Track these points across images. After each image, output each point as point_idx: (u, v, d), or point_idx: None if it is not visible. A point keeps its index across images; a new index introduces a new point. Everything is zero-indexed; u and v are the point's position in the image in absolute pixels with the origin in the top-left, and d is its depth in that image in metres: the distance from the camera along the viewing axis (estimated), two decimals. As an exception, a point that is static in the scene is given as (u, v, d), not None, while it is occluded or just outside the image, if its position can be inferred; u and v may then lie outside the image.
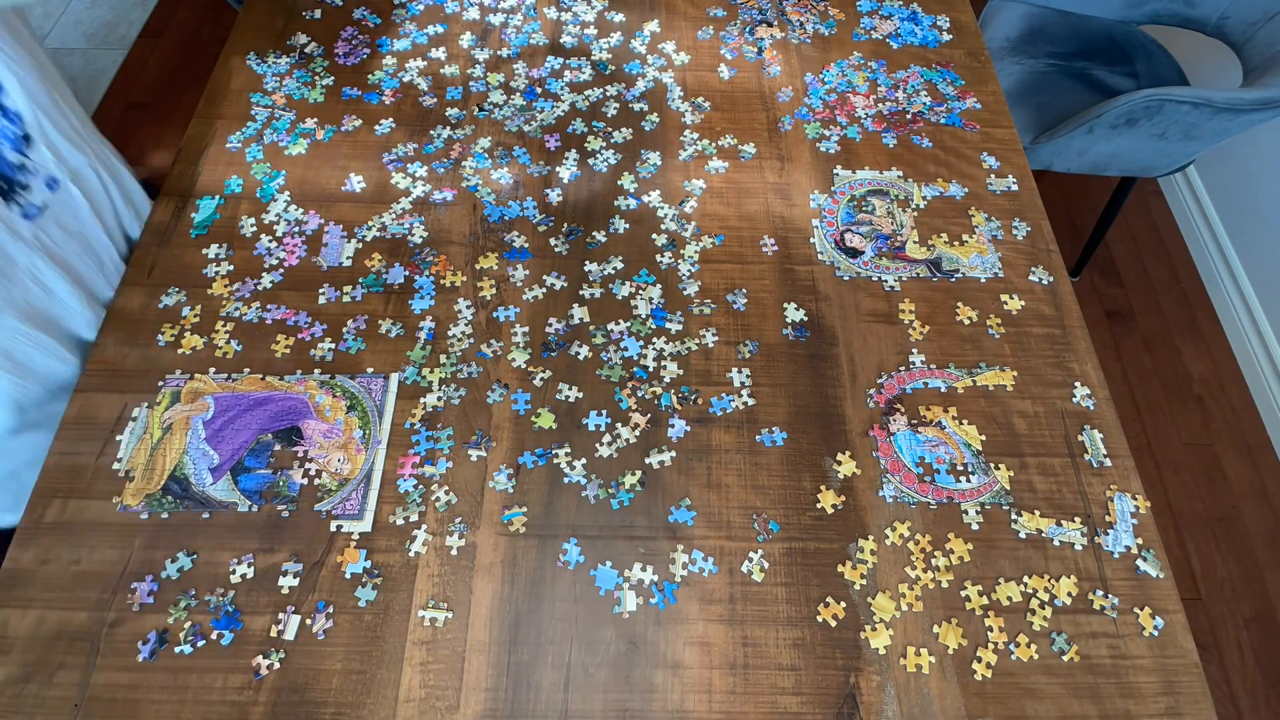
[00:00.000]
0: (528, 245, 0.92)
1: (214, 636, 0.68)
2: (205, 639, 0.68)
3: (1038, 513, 0.77)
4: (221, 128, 1.01)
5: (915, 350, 0.87)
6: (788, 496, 0.77)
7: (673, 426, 0.80)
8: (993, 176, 1.01)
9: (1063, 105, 1.60)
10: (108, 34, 2.39)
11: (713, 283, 0.91)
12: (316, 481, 0.76)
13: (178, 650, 0.67)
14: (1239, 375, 1.85)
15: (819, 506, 0.77)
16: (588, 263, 0.91)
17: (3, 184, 0.74)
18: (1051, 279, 0.93)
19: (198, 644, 0.68)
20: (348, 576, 0.71)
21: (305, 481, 0.76)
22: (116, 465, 0.76)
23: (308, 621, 0.69)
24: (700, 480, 0.78)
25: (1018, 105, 1.60)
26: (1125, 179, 1.69)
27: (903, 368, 0.85)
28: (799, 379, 0.84)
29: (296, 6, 1.15)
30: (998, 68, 1.65)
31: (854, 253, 0.94)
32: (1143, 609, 0.72)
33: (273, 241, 0.91)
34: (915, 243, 0.95)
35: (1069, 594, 0.73)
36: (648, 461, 0.78)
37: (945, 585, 0.73)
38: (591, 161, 1.00)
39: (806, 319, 0.88)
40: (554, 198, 0.97)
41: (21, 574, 0.70)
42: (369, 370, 0.83)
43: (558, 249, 0.92)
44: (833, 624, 0.71)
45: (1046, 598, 0.73)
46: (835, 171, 1.01)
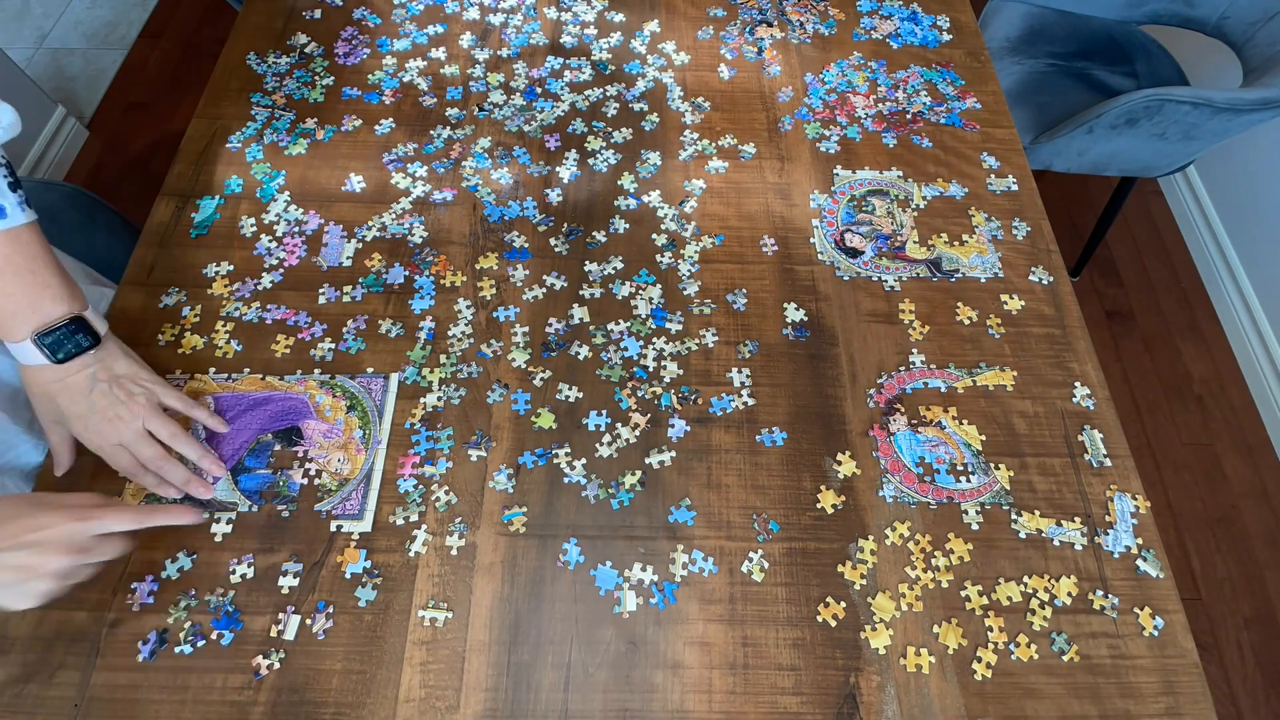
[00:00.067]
0: (528, 245, 0.92)
1: (214, 636, 0.68)
2: (205, 639, 0.68)
3: (1038, 513, 0.77)
4: (221, 128, 1.01)
5: (915, 350, 0.87)
6: (788, 496, 0.77)
7: (673, 426, 0.80)
8: (993, 176, 1.01)
9: (1063, 105, 1.60)
10: (108, 34, 2.39)
11: (713, 283, 0.91)
12: (316, 481, 0.76)
13: (178, 650, 0.67)
14: (1239, 375, 1.85)
15: (819, 506, 0.77)
16: (588, 263, 0.91)
17: None
18: (1051, 279, 0.93)
19: (198, 644, 0.68)
20: (348, 576, 0.71)
21: (305, 481, 0.76)
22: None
23: (308, 621, 0.69)
24: (700, 480, 0.78)
25: (1018, 105, 1.60)
26: (1125, 179, 1.69)
27: (903, 368, 0.85)
28: (799, 379, 0.84)
29: (296, 6, 1.15)
30: (998, 68, 1.65)
31: (854, 253, 0.94)
32: (1143, 609, 0.72)
33: (273, 241, 0.91)
34: (915, 243, 0.95)
35: (1069, 594, 0.73)
36: (648, 461, 0.78)
37: (945, 585, 0.73)
38: (591, 161, 1.00)
39: (806, 319, 0.88)
40: (554, 198, 0.97)
41: (21, 574, 0.70)
42: (369, 370, 0.83)
43: (558, 249, 0.92)
44: (833, 624, 0.71)
45: (1046, 598, 0.73)
46: (835, 171, 1.01)
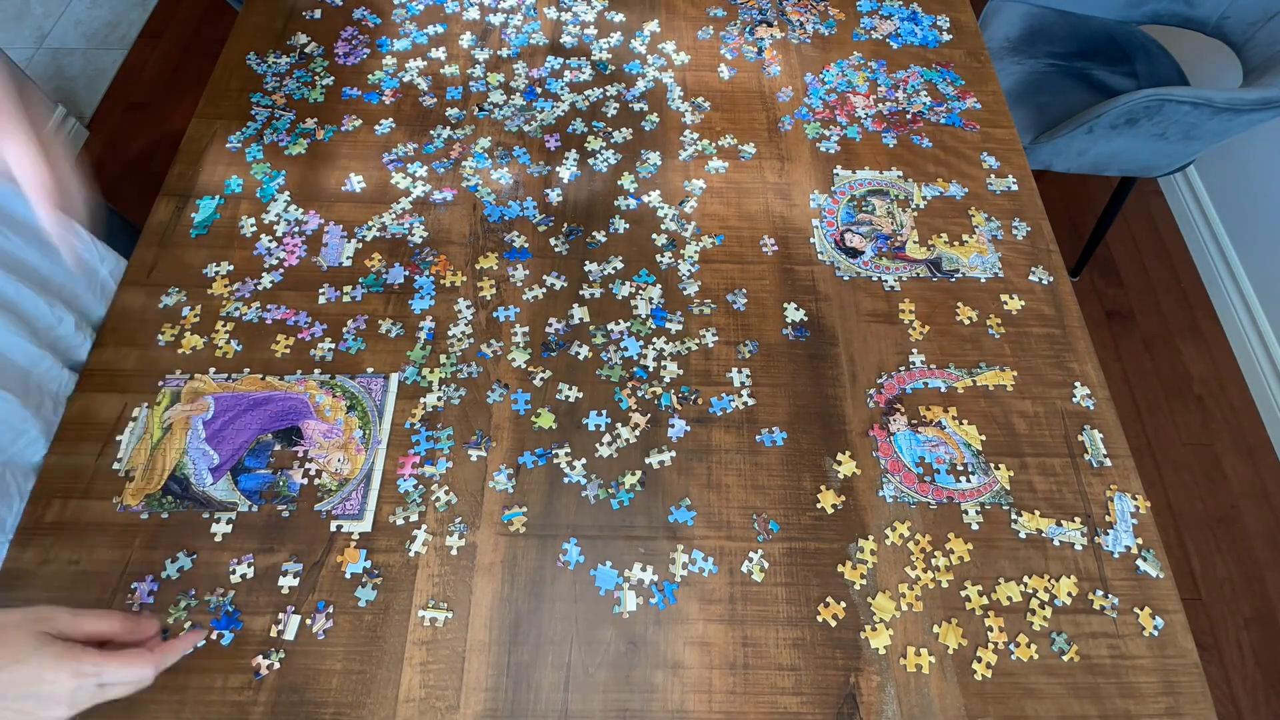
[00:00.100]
0: (528, 245, 0.92)
1: (214, 636, 0.68)
2: (205, 639, 0.68)
3: (1038, 513, 0.77)
4: (221, 128, 1.01)
5: (915, 350, 0.87)
6: (788, 496, 0.77)
7: (673, 426, 0.80)
8: (993, 176, 1.01)
9: (1063, 105, 1.60)
10: (108, 34, 2.39)
11: (713, 283, 0.91)
12: (316, 481, 0.76)
13: (178, 650, 0.67)
14: (1239, 375, 1.85)
15: (819, 506, 0.77)
16: (588, 263, 0.91)
17: None
18: (1051, 279, 0.93)
19: (198, 644, 0.68)
20: (348, 576, 0.71)
21: (305, 481, 0.76)
22: (116, 465, 0.76)
23: (308, 621, 0.69)
24: (700, 480, 0.78)
25: (1018, 105, 1.60)
26: (1125, 179, 1.69)
27: (903, 368, 0.85)
28: (799, 379, 0.84)
29: (296, 6, 1.15)
30: (998, 68, 1.65)
31: (854, 253, 0.94)
32: (1143, 609, 0.72)
33: (273, 241, 0.91)
34: (915, 243, 0.95)
35: (1069, 594, 0.73)
36: (648, 461, 0.78)
37: (945, 585, 0.73)
38: (591, 161, 1.00)
39: (806, 319, 0.88)
40: (554, 198, 0.97)
41: (21, 574, 0.70)
42: (369, 370, 0.83)
43: (558, 249, 0.92)
44: (833, 624, 0.71)
45: (1046, 598, 0.73)
46: (835, 171, 1.01)
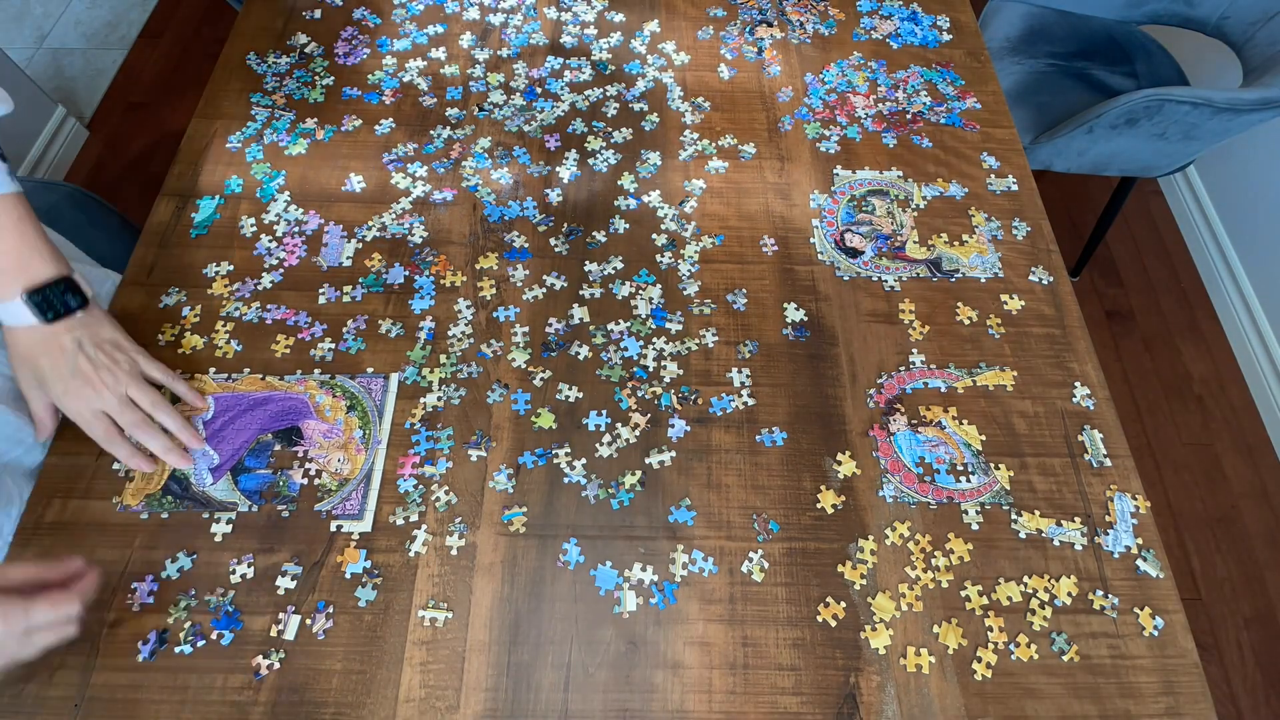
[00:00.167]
0: (528, 245, 0.92)
1: (214, 636, 0.68)
2: (205, 639, 0.68)
3: (1038, 513, 0.77)
4: (221, 128, 1.01)
5: (915, 350, 0.87)
6: (788, 496, 0.77)
7: (673, 426, 0.80)
8: (993, 176, 1.01)
9: (1063, 105, 1.60)
10: (108, 34, 2.39)
11: (713, 283, 0.91)
12: (316, 481, 0.76)
13: (178, 650, 0.67)
14: (1239, 375, 1.85)
15: (819, 506, 0.77)
16: (588, 263, 0.91)
17: None
18: (1051, 279, 0.93)
19: (198, 644, 0.68)
20: (348, 576, 0.71)
21: (305, 481, 0.76)
22: (116, 465, 0.76)
23: (308, 621, 0.69)
24: (700, 480, 0.78)
25: (1018, 105, 1.60)
26: (1125, 179, 1.69)
27: (903, 368, 0.85)
28: (799, 379, 0.84)
29: (296, 6, 1.15)
30: (998, 68, 1.65)
31: (854, 253, 0.94)
32: (1143, 609, 0.72)
33: (273, 241, 0.91)
34: (915, 243, 0.95)
35: (1069, 594, 0.73)
36: (648, 461, 0.78)
37: (945, 585, 0.73)
38: (591, 161, 1.00)
39: (806, 319, 0.88)
40: (554, 198, 0.97)
41: (21, 574, 0.70)
42: (369, 370, 0.83)
43: (558, 249, 0.92)
44: (833, 624, 0.71)
45: (1046, 598, 0.73)
46: (835, 171, 1.01)
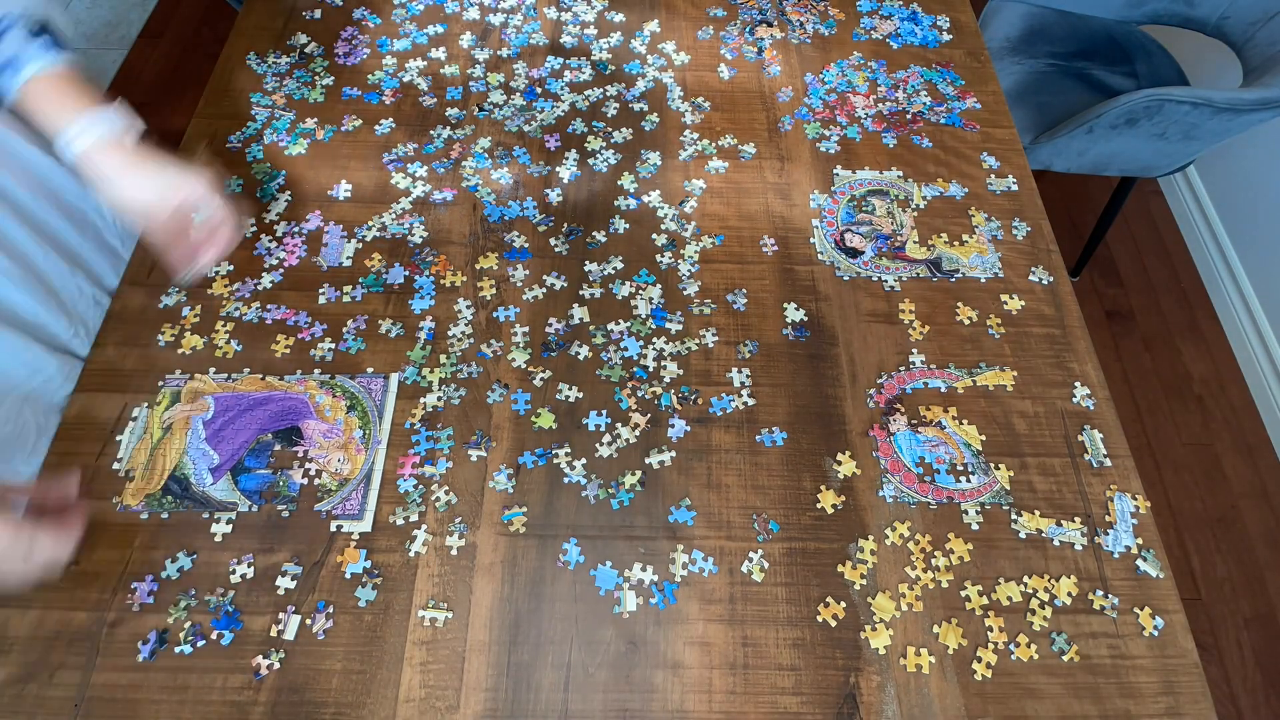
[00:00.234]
0: (528, 245, 0.92)
1: (214, 636, 0.68)
2: (205, 639, 0.68)
3: (1038, 513, 0.77)
4: (221, 128, 1.01)
5: (915, 350, 0.87)
6: (788, 496, 0.77)
7: (673, 426, 0.80)
8: (993, 176, 1.01)
9: (1063, 105, 1.60)
10: (108, 34, 2.39)
11: (713, 283, 0.91)
12: (316, 481, 0.76)
13: (178, 650, 0.67)
14: (1239, 375, 1.85)
15: (819, 506, 0.77)
16: (588, 263, 0.91)
17: None
18: (1051, 279, 0.93)
19: (198, 644, 0.68)
20: (348, 576, 0.71)
21: (305, 481, 0.76)
22: (116, 465, 0.76)
23: (308, 621, 0.69)
24: (700, 480, 0.78)
25: (1018, 105, 1.60)
26: (1125, 179, 1.69)
27: (903, 368, 0.85)
28: (799, 379, 0.84)
29: (296, 6, 1.15)
30: (998, 68, 1.65)
31: (854, 253, 0.94)
32: (1143, 609, 0.72)
33: (273, 241, 0.91)
34: (915, 243, 0.95)
35: (1069, 594, 0.73)
36: (648, 461, 0.78)
37: (945, 585, 0.73)
38: (591, 161, 1.00)
39: (806, 319, 0.88)
40: (554, 198, 0.97)
41: (21, 574, 0.70)
42: (369, 370, 0.83)
43: (558, 249, 0.92)
44: (833, 624, 0.71)
45: (1046, 598, 0.73)
46: (835, 171, 1.01)
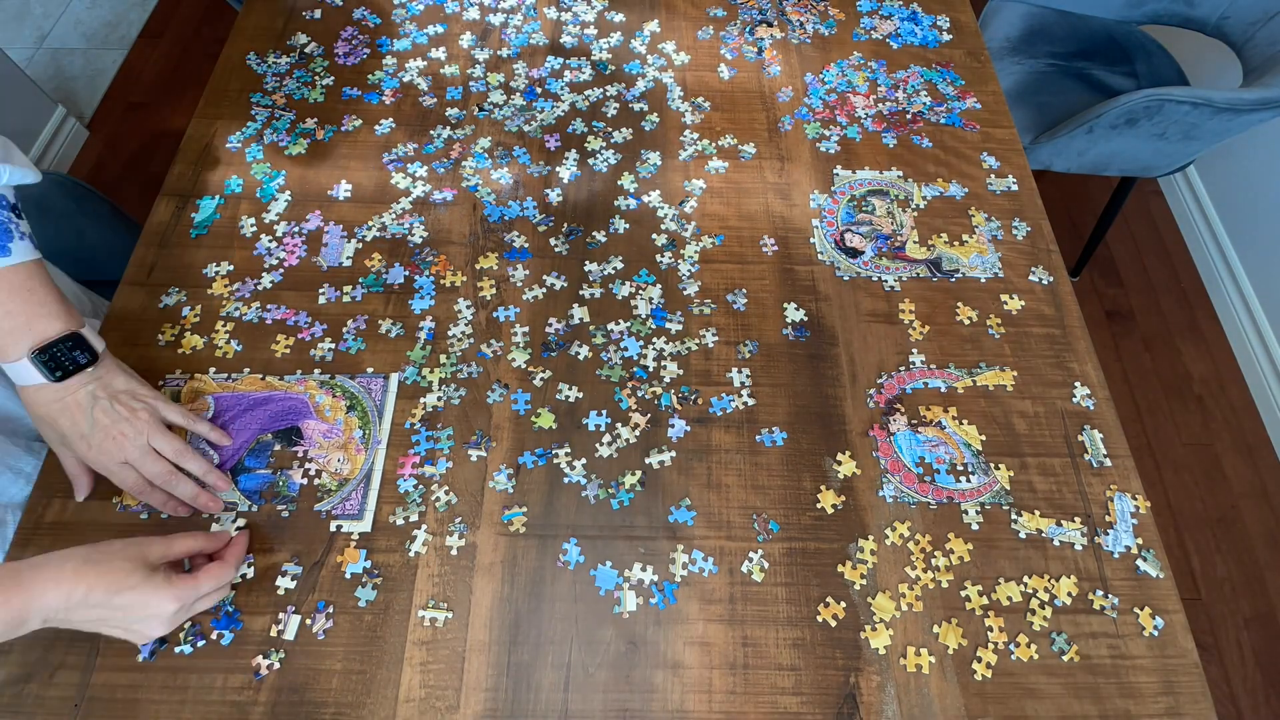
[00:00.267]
0: (528, 245, 0.92)
1: (214, 636, 0.68)
2: (205, 639, 0.68)
3: (1038, 513, 0.77)
4: (221, 128, 1.01)
5: (915, 350, 0.87)
6: (788, 496, 0.77)
7: (673, 426, 0.80)
8: (993, 176, 1.01)
9: (1063, 105, 1.60)
10: (108, 34, 2.39)
11: (713, 283, 0.91)
12: (316, 481, 0.76)
13: (178, 650, 0.67)
14: (1239, 375, 1.85)
15: (819, 506, 0.77)
16: (588, 263, 0.91)
17: None
18: (1051, 279, 0.93)
19: (198, 644, 0.68)
20: (348, 576, 0.71)
21: (305, 481, 0.76)
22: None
23: (308, 621, 0.69)
24: (700, 480, 0.78)
25: (1018, 105, 1.60)
26: (1125, 179, 1.69)
27: (903, 368, 0.85)
28: (799, 379, 0.84)
29: (296, 6, 1.15)
30: (998, 68, 1.65)
31: (854, 253, 0.94)
32: (1143, 609, 0.72)
33: (273, 241, 0.91)
34: (915, 243, 0.95)
35: (1069, 594, 0.73)
36: (648, 461, 0.78)
37: (945, 585, 0.73)
38: (591, 161, 1.00)
39: (806, 319, 0.88)
40: (554, 198, 0.97)
41: (21, 574, 0.70)
42: (369, 370, 0.83)
43: (558, 249, 0.92)
44: (833, 624, 0.71)
45: (1046, 598, 0.73)
46: (835, 171, 1.01)
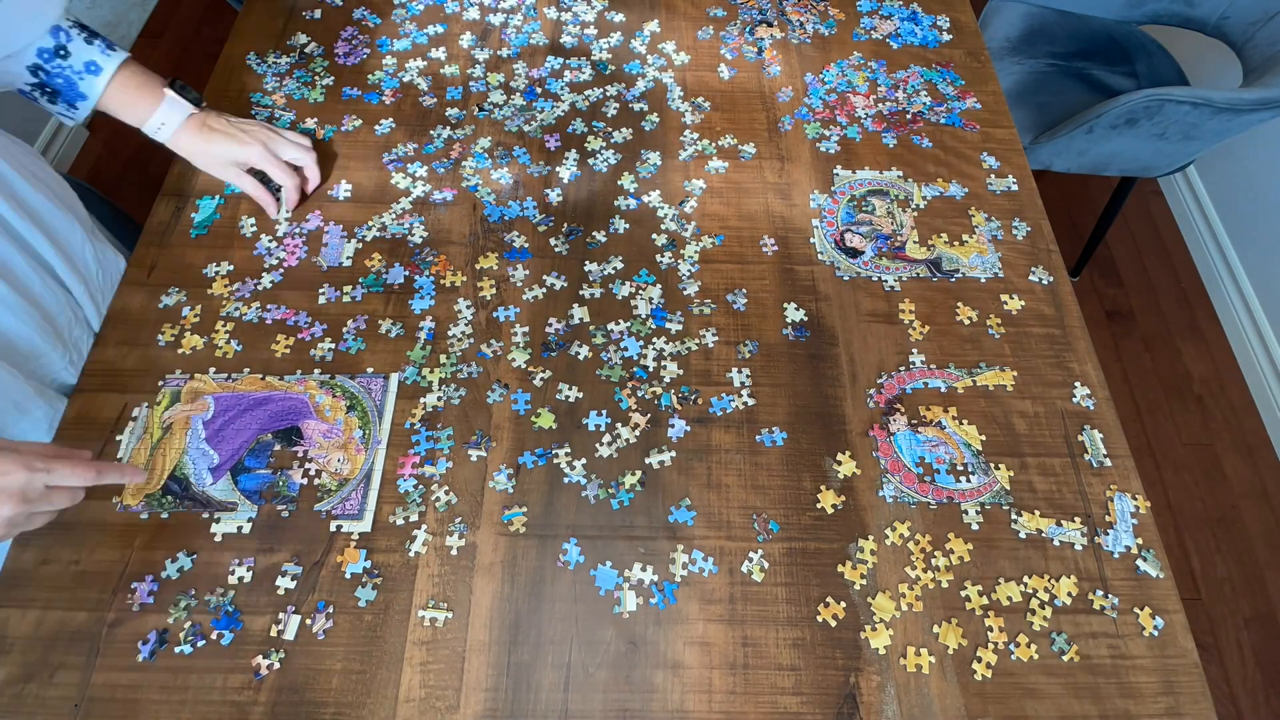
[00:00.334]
0: (528, 245, 0.92)
1: (214, 636, 0.68)
2: (205, 639, 0.68)
3: (1038, 513, 0.77)
4: (221, 128, 1.01)
5: (915, 350, 0.87)
6: (788, 496, 0.77)
7: (673, 426, 0.80)
8: (993, 176, 1.01)
9: (1063, 105, 1.60)
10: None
11: (713, 283, 0.91)
12: (316, 481, 0.76)
13: (178, 650, 0.67)
14: (1239, 375, 1.86)
15: (819, 506, 0.77)
16: (588, 263, 0.91)
17: None
18: (1051, 279, 0.93)
19: (198, 644, 0.68)
20: (348, 576, 0.71)
21: (305, 481, 0.76)
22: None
23: (308, 621, 0.69)
24: (700, 480, 0.78)
25: (1018, 105, 1.60)
26: (1125, 179, 1.69)
27: (903, 368, 0.85)
28: (799, 379, 0.84)
29: (296, 6, 1.15)
30: (998, 68, 1.65)
31: (854, 253, 0.94)
32: (1143, 609, 0.72)
33: (273, 241, 0.91)
34: (915, 243, 0.95)
35: (1069, 594, 0.73)
36: (648, 461, 0.78)
37: (945, 585, 0.73)
38: (591, 161, 1.00)
39: (806, 319, 0.88)
40: (554, 198, 0.97)
41: (21, 574, 0.70)
42: (369, 370, 0.83)
43: (558, 249, 0.92)
44: (833, 624, 0.71)
45: (1046, 598, 0.73)
46: (835, 171, 1.01)
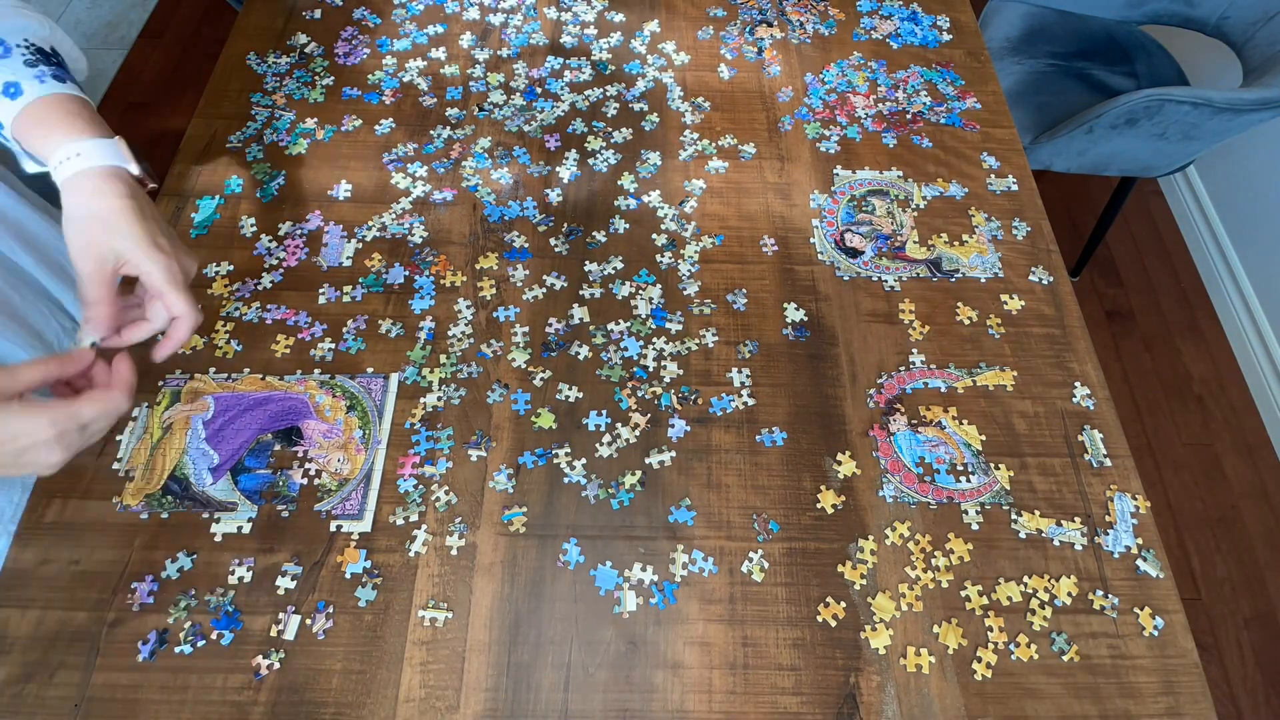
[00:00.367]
0: (528, 245, 0.92)
1: (214, 636, 0.68)
2: (205, 639, 0.68)
3: (1038, 513, 0.77)
4: (221, 128, 1.01)
5: (915, 350, 0.87)
6: (788, 496, 0.77)
7: (673, 426, 0.80)
8: (993, 176, 1.01)
9: (1063, 105, 1.60)
10: (108, 34, 2.39)
11: (713, 283, 0.91)
12: (316, 481, 0.76)
13: (178, 650, 0.67)
14: (1239, 375, 1.86)
15: (819, 506, 0.77)
16: (588, 263, 0.91)
17: None
18: (1051, 279, 0.93)
19: (198, 644, 0.68)
20: (348, 576, 0.71)
21: (305, 481, 0.76)
22: (116, 465, 0.76)
23: (308, 621, 0.69)
24: (700, 480, 0.78)
25: (1018, 105, 1.60)
26: (1125, 179, 1.69)
27: (903, 368, 0.85)
28: (799, 379, 0.84)
29: (296, 6, 1.15)
30: (998, 68, 1.65)
31: (854, 253, 0.94)
32: (1143, 609, 0.72)
33: (273, 241, 0.91)
34: (915, 243, 0.95)
35: (1069, 594, 0.73)
36: (648, 461, 0.78)
37: (945, 585, 0.73)
38: (591, 161, 1.00)
39: (806, 319, 0.88)
40: (554, 198, 0.97)
41: (21, 574, 0.70)
42: (369, 370, 0.83)
43: (558, 249, 0.92)
44: (833, 624, 0.71)
45: (1046, 598, 0.73)
46: (835, 171, 1.01)
